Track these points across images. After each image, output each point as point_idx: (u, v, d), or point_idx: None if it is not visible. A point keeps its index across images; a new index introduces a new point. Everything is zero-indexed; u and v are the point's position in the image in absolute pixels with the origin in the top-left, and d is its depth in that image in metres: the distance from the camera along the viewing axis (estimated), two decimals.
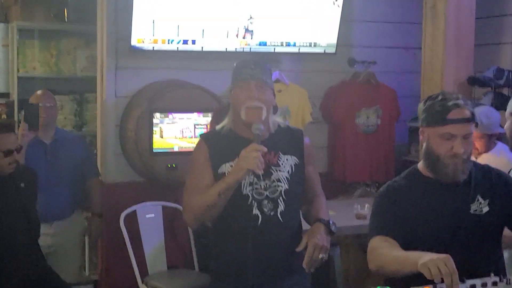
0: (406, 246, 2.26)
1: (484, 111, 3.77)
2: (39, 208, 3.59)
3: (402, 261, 2.19)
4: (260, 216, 2.53)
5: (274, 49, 4.60)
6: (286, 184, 2.56)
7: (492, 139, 3.83)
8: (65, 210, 3.91)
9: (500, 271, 2.35)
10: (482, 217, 2.39)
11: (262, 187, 2.54)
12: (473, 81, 4.51)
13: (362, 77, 4.93)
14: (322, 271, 3.83)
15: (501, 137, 3.77)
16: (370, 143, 4.97)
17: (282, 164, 2.58)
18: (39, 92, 4.01)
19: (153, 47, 4.27)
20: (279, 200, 2.55)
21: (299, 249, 2.50)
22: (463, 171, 2.35)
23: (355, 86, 4.93)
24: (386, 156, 5.06)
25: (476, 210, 2.39)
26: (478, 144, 3.79)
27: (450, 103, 2.31)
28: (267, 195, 2.55)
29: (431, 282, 2.01)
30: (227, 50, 4.45)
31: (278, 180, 2.56)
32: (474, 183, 2.41)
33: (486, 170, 2.48)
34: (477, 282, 2.04)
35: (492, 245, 2.43)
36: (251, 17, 4.47)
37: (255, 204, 2.53)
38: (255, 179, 2.53)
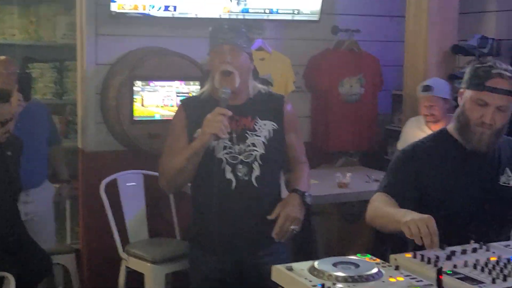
0: (422, 209, 2.18)
1: (438, 79, 4.13)
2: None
3: (389, 217, 2.19)
4: (233, 180, 2.53)
5: (257, 16, 4.54)
6: (262, 149, 2.55)
7: (445, 106, 3.99)
8: (38, 177, 3.88)
9: None
10: (510, 190, 2.37)
11: (237, 151, 2.54)
12: (457, 49, 4.49)
13: (346, 45, 4.89)
14: (302, 240, 3.86)
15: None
16: (353, 112, 4.95)
17: (258, 129, 2.57)
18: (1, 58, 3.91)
19: (134, 13, 4.19)
20: (254, 165, 2.54)
21: (271, 217, 2.50)
22: (489, 143, 2.30)
23: (338, 55, 4.89)
24: (369, 125, 5.05)
25: (505, 182, 2.37)
26: (435, 110, 3.98)
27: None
28: (241, 159, 2.54)
29: (414, 249, 2.01)
30: (209, 16, 4.39)
31: (254, 145, 2.55)
32: (504, 155, 2.39)
33: None
34: (457, 249, 2.04)
35: (511, 220, 2.42)
36: None
37: (229, 168, 2.53)
38: (230, 143, 2.53)
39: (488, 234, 2.27)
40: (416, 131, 4.04)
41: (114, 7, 4.12)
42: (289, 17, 4.65)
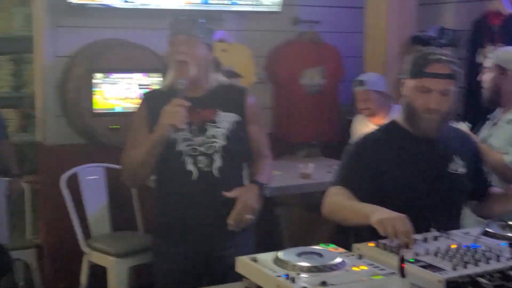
0: (376, 200, 2.22)
1: (370, 73, 4.24)
2: None
3: (355, 211, 2.20)
4: (194, 171, 2.53)
5: (218, 7, 4.52)
6: (223, 140, 2.55)
7: (383, 98, 4.06)
8: None
9: None
10: (458, 177, 2.41)
11: (197, 143, 2.54)
12: (416, 40, 4.55)
13: (306, 36, 4.92)
14: (266, 231, 3.87)
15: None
16: (314, 103, 4.98)
17: (219, 121, 2.56)
18: None
19: (94, 4, 4.13)
20: (215, 156, 2.54)
21: (227, 195, 2.49)
22: (438, 128, 2.34)
23: (299, 46, 4.91)
24: (331, 116, 5.08)
25: (453, 170, 2.40)
26: (370, 104, 4.06)
27: (432, 57, 2.29)
28: (202, 151, 2.53)
29: (376, 238, 2.03)
30: (170, 8, 4.35)
31: (214, 137, 2.55)
32: (452, 143, 2.42)
33: (459, 131, 2.51)
34: (419, 237, 2.07)
35: (460, 207, 2.46)
36: None
37: (190, 160, 2.53)
38: (190, 135, 2.52)
39: (439, 221, 2.30)
40: (361, 126, 4.10)
41: None
42: (250, 8, 4.64)
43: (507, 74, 3.14)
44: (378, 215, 2.05)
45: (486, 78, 3.20)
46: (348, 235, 2.53)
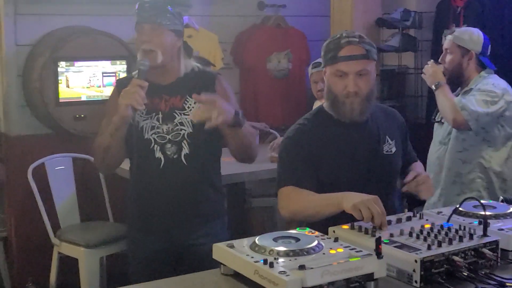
0: (320, 191, 2.24)
1: None
2: None
3: (322, 203, 2.19)
4: (162, 159, 2.51)
5: None
6: (189, 128, 2.52)
7: None
8: None
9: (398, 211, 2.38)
10: (392, 157, 2.43)
11: (165, 131, 2.52)
12: (381, 22, 4.57)
13: (272, 21, 4.90)
14: (240, 218, 3.88)
15: None
16: (282, 87, 4.98)
17: (188, 107, 2.54)
18: None
19: None
20: (183, 143, 2.52)
21: (196, 97, 2.35)
22: (362, 110, 2.33)
23: (265, 31, 4.89)
24: (298, 100, 5.09)
25: (388, 151, 2.42)
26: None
27: (342, 41, 2.29)
28: (169, 138, 2.52)
29: (348, 220, 2.04)
30: None
31: (181, 124, 2.52)
32: (382, 123, 2.43)
33: (387, 110, 2.51)
34: (392, 218, 2.08)
35: (394, 185, 2.46)
36: None
37: (158, 148, 2.51)
38: (157, 122, 2.51)
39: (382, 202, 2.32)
40: None
41: None
42: None
43: (471, 55, 3.20)
44: (350, 200, 2.05)
45: (448, 59, 3.25)
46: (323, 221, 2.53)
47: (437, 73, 3.23)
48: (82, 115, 4.10)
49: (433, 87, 3.22)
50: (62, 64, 4.05)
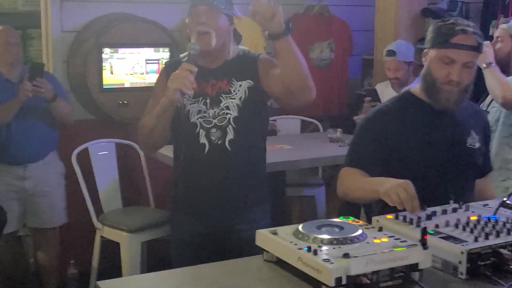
0: (392, 174, 2.17)
1: (401, 42, 4.21)
2: (12, 151, 3.53)
3: (365, 188, 2.19)
4: (207, 144, 2.50)
5: None
6: (235, 112, 2.50)
7: (410, 69, 4.14)
8: (39, 152, 3.67)
9: None
10: (475, 152, 2.39)
11: (211, 115, 2.50)
12: (427, 13, 4.51)
13: (316, 10, 4.87)
14: (280, 208, 3.87)
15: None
16: (323, 77, 4.95)
17: (234, 91, 2.53)
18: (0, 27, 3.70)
19: None
20: (228, 129, 2.50)
21: None
22: (456, 100, 2.29)
23: (308, 19, 4.86)
24: (339, 90, 5.06)
25: (471, 144, 2.38)
26: (400, 74, 4.11)
27: (457, 28, 2.24)
28: (215, 123, 2.50)
29: (395, 210, 2.02)
30: None
31: (227, 108, 2.51)
32: (469, 117, 2.40)
33: (476, 107, 2.49)
34: (438, 209, 2.05)
35: (473, 181, 2.44)
36: None
37: (203, 133, 2.50)
38: (204, 107, 2.50)
39: (455, 194, 2.28)
40: (383, 93, 4.07)
41: None
42: None
43: None
44: (384, 187, 2.03)
45: (498, 47, 3.24)
46: (359, 209, 2.53)
47: (488, 53, 3.19)
48: (125, 102, 4.14)
49: (484, 65, 3.17)
50: (106, 50, 4.09)
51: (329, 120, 5.10)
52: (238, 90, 2.52)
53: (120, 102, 4.14)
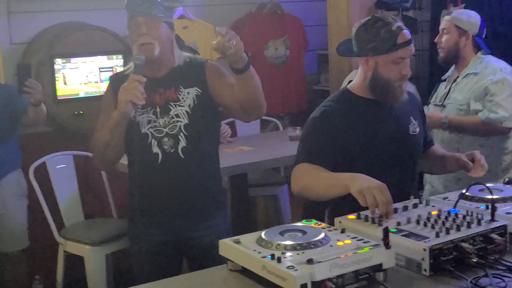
0: (344, 171, 2.21)
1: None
2: None
3: (331, 182, 2.18)
4: (160, 154, 2.49)
5: None
6: (185, 119, 2.49)
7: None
8: None
9: (415, 192, 2.44)
10: (417, 137, 2.46)
11: (161, 124, 2.49)
12: (380, 5, 4.54)
13: (268, 8, 4.87)
14: (244, 209, 3.85)
15: None
16: (280, 75, 4.96)
17: (182, 98, 2.52)
18: None
19: None
20: (179, 136, 2.49)
21: (218, 30, 2.25)
22: (405, 91, 2.39)
23: (261, 18, 4.86)
24: (297, 86, 5.07)
25: (413, 131, 2.44)
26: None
27: (394, 28, 2.28)
28: (166, 132, 2.49)
29: (355, 209, 2.02)
30: None
31: (177, 116, 2.50)
32: (405, 104, 2.43)
33: (409, 93, 2.51)
34: (399, 205, 2.06)
35: (416, 167, 2.49)
36: None
37: (155, 142, 2.49)
38: (154, 116, 2.49)
39: (403, 183, 2.35)
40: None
41: None
42: None
43: (468, 35, 3.25)
44: (357, 184, 2.03)
45: (444, 38, 3.30)
46: (324, 207, 2.52)
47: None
48: (81, 112, 4.09)
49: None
50: (58, 61, 4.03)
51: (288, 117, 5.10)
52: (187, 98, 2.51)
53: (75, 113, 4.08)
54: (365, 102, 2.39)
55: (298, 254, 1.68)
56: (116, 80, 2.57)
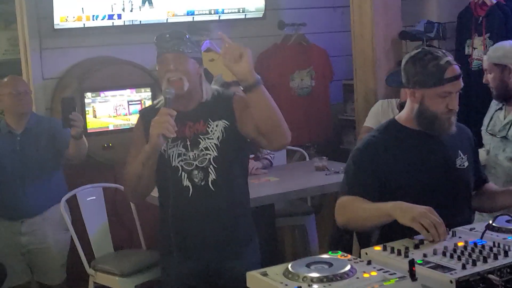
0: (387, 200, 2.24)
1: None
2: (8, 205, 3.50)
3: (374, 213, 2.21)
4: (190, 187, 2.53)
5: (203, 18, 4.52)
6: (215, 152, 2.53)
7: None
8: (40, 205, 3.61)
9: None
10: (465, 172, 2.44)
11: (191, 157, 2.53)
12: (405, 36, 4.56)
13: (293, 39, 4.92)
14: (271, 239, 3.86)
15: None
16: (306, 105, 4.99)
17: (211, 131, 2.56)
18: (6, 79, 3.65)
19: (79, 25, 4.12)
20: (209, 169, 2.53)
21: (222, 35, 2.44)
22: (454, 124, 2.39)
23: (286, 49, 4.91)
24: (323, 116, 5.09)
25: (461, 165, 2.43)
26: None
27: (443, 62, 2.31)
28: (196, 165, 2.53)
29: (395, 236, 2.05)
30: (154, 22, 4.35)
31: (206, 149, 2.53)
32: (454, 138, 2.44)
33: (459, 125, 2.50)
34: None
35: (469, 201, 2.48)
36: None
37: (185, 175, 2.53)
38: (184, 149, 2.53)
39: (452, 217, 2.33)
40: (388, 111, 4.11)
41: (57, 21, 4.04)
42: (234, 16, 4.64)
43: (509, 69, 3.20)
44: (406, 213, 2.07)
45: (490, 78, 3.25)
46: (351, 237, 2.54)
47: None
48: (110, 144, 4.16)
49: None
50: (88, 95, 4.12)
51: (315, 147, 5.12)
52: (215, 130, 2.55)
53: (105, 145, 4.16)
54: (412, 133, 2.40)
55: (324, 286, 1.70)
56: (146, 114, 2.63)
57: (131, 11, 4.25)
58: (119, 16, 4.23)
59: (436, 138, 2.40)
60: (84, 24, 4.13)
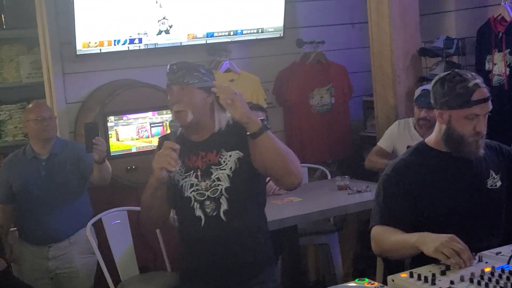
0: (420, 226, 2.28)
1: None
2: (35, 230, 3.55)
3: (402, 245, 2.24)
4: (202, 217, 2.55)
5: (222, 39, 4.56)
6: (227, 182, 2.53)
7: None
8: (67, 230, 3.66)
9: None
10: (497, 192, 2.44)
11: (203, 187, 2.55)
12: (424, 52, 4.57)
13: (312, 57, 4.95)
14: (295, 259, 3.86)
15: None
16: (326, 122, 5.01)
17: (224, 162, 2.55)
18: (31, 104, 3.71)
19: (100, 50, 4.18)
20: (221, 200, 2.53)
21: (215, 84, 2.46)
22: (482, 146, 2.39)
23: (305, 67, 4.94)
24: (343, 133, 5.10)
25: (492, 185, 2.43)
26: (431, 117, 3.84)
27: (471, 85, 2.32)
28: (208, 195, 2.54)
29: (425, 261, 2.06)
30: (174, 44, 4.40)
31: (218, 179, 2.54)
32: (486, 158, 2.45)
33: (491, 144, 2.52)
34: None
35: (500, 221, 2.48)
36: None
37: (198, 206, 2.55)
38: (196, 180, 2.55)
39: (483, 239, 2.34)
40: (404, 132, 4.11)
41: (79, 46, 4.10)
42: (253, 37, 4.68)
43: None
44: (430, 245, 2.09)
45: None
46: (374, 256, 2.55)
47: None
48: (134, 166, 4.20)
49: None
50: (111, 118, 4.17)
51: (336, 164, 5.13)
52: (229, 161, 2.55)
53: (128, 168, 4.20)
54: (441, 155, 2.42)
55: None
56: (164, 141, 2.66)
57: (152, 35, 4.29)
58: (140, 40, 4.28)
59: (465, 160, 2.40)
60: (105, 49, 4.19)
